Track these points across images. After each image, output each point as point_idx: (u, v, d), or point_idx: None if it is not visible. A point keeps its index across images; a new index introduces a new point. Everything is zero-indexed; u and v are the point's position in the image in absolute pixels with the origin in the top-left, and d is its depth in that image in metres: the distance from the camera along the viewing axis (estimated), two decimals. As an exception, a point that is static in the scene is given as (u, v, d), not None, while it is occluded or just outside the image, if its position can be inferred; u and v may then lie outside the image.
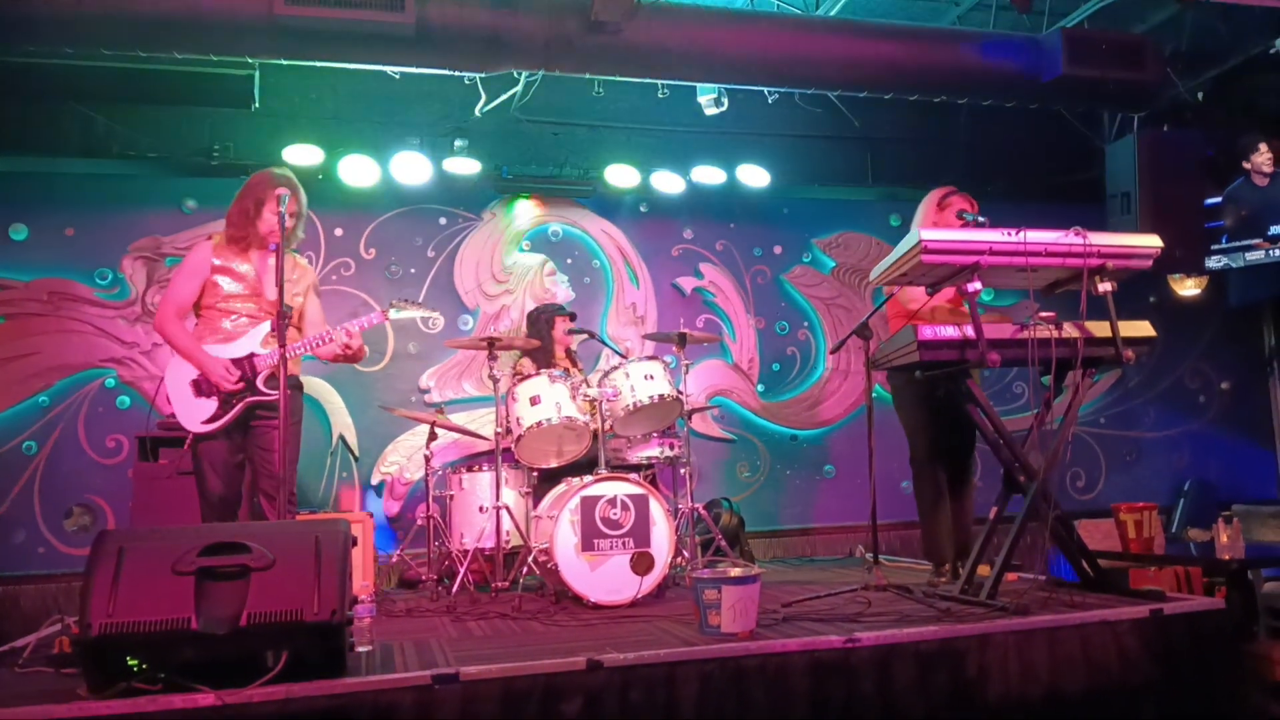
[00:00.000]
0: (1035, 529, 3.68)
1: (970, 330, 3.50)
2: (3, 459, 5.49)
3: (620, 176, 6.35)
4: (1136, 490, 7.02)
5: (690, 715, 2.87)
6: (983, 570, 3.74)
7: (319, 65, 5.16)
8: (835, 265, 7.06)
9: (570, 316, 5.73)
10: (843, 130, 6.69)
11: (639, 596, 4.04)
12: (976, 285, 3.51)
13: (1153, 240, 3.68)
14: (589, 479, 4.20)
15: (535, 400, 4.53)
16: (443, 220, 6.35)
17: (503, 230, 6.47)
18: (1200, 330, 7.56)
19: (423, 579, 4.89)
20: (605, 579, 4.03)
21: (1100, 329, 3.62)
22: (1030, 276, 3.59)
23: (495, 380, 4.63)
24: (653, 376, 4.63)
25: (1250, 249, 6.38)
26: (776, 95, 6.32)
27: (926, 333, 3.51)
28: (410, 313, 4.23)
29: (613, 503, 4.11)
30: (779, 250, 6.96)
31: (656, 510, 4.17)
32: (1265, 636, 4.15)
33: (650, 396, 4.58)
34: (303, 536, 2.76)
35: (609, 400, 4.58)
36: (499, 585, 4.45)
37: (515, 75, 5.77)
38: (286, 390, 3.70)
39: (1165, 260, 3.85)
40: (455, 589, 4.46)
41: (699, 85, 5.99)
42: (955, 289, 3.70)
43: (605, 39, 5.01)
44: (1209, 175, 6.39)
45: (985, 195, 4.29)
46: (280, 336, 3.50)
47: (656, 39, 5.16)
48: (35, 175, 5.68)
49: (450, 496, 5.06)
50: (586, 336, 5.91)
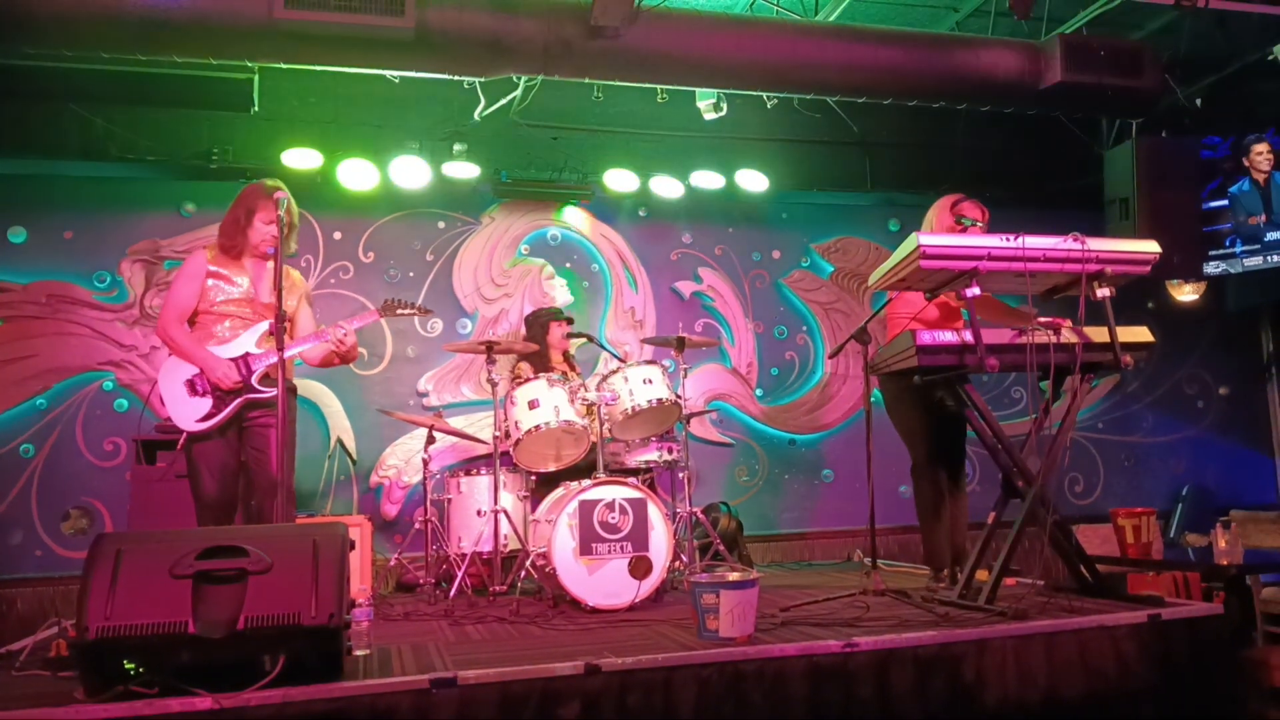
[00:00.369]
0: (1033, 534, 3.68)
1: (969, 335, 3.50)
2: (0, 461, 5.48)
3: (619, 181, 6.35)
4: (1135, 495, 7.04)
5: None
6: (981, 575, 3.74)
7: (318, 69, 5.15)
8: (834, 270, 7.07)
9: (567, 321, 5.73)
10: (841, 135, 6.70)
11: (637, 601, 4.03)
12: (975, 290, 3.51)
13: (1151, 246, 3.69)
14: (587, 483, 4.19)
15: (534, 404, 4.53)
16: (441, 224, 6.36)
17: (501, 234, 6.47)
18: (1198, 336, 7.57)
19: (420, 583, 4.89)
20: (603, 583, 4.03)
21: (1099, 334, 3.63)
22: (1029, 282, 3.59)
23: (493, 384, 4.63)
24: (651, 381, 4.64)
25: (1249, 255, 6.40)
26: (775, 100, 6.33)
27: (925, 338, 3.51)
28: (404, 311, 4.27)
29: (611, 507, 4.11)
30: (778, 255, 6.97)
31: (655, 514, 4.17)
32: (1263, 642, 4.15)
33: (649, 400, 4.58)
34: (300, 540, 2.76)
35: (607, 404, 4.57)
36: (497, 589, 4.44)
37: (514, 80, 5.77)
38: (280, 399, 3.73)
39: (1163, 266, 3.85)
40: (453, 593, 4.45)
41: (698, 90, 6.00)
42: (954, 294, 3.71)
43: (605, 44, 5.01)
44: (1213, 177, 6.41)
45: (984, 201, 4.30)
46: (278, 340, 3.52)
47: (656, 44, 5.16)
48: (34, 178, 5.68)
49: (448, 500, 5.05)
50: (585, 340, 5.92)
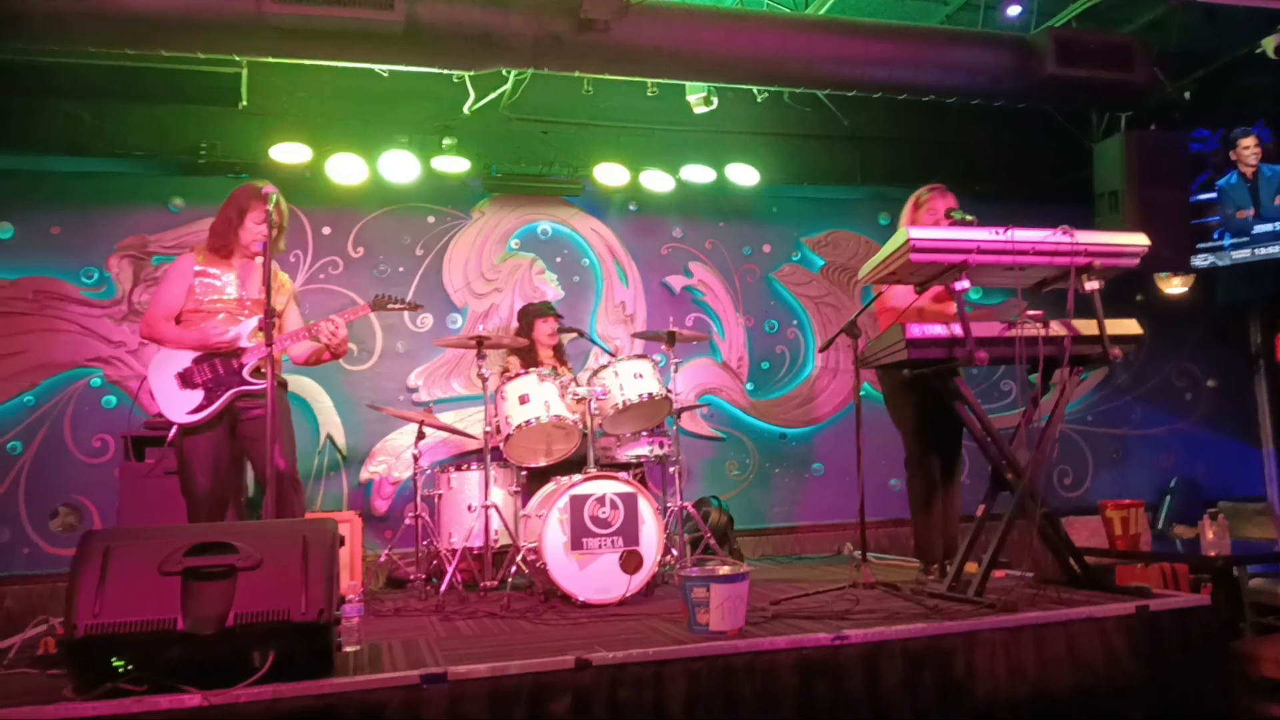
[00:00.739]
0: (1023, 526, 3.70)
1: (958, 328, 3.51)
2: (-12, 459, 5.47)
3: (609, 175, 6.34)
4: (1123, 488, 7.07)
5: (678, 713, 2.87)
6: (971, 568, 3.75)
7: (307, 63, 5.13)
8: (824, 264, 7.07)
9: (557, 316, 5.72)
10: (832, 129, 6.71)
11: (628, 595, 4.04)
12: (964, 283, 3.52)
13: (1139, 239, 3.70)
14: (578, 477, 4.19)
15: (524, 399, 4.52)
16: (431, 219, 6.34)
17: (491, 229, 6.46)
18: (1187, 329, 7.60)
19: (411, 578, 4.88)
20: (594, 577, 4.03)
21: (1087, 327, 3.64)
22: (1018, 275, 3.60)
23: (484, 379, 4.62)
24: (642, 375, 4.63)
25: (1237, 248, 6.42)
26: (766, 94, 6.33)
27: (914, 331, 3.51)
28: (395, 306, 4.30)
29: (602, 501, 4.11)
30: (768, 249, 6.97)
31: (645, 509, 4.17)
32: (1250, 633, 4.18)
33: (639, 395, 4.57)
34: (290, 536, 2.75)
35: (598, 399, 4.57)
36: (487, 584, 4.44)
37: (504, 74, 5.76)
38: (274, 388, 3.72)
39: (1152, 259, 3.86)
40: (444, 588, 4.45)
41: (688, 84, 5.99)
42: (944, 287, 3.72)
43: (595, 37, 5.00)
44: (1202, 170, 6.44)
45: (973, 194, 4.32)
46: (267, 335, 3.52)
47: (646, 37, 5.16)
48: (21, 173, 5.65)
49: (439, 495, 5.05)
50: (575, 335, 5.92)
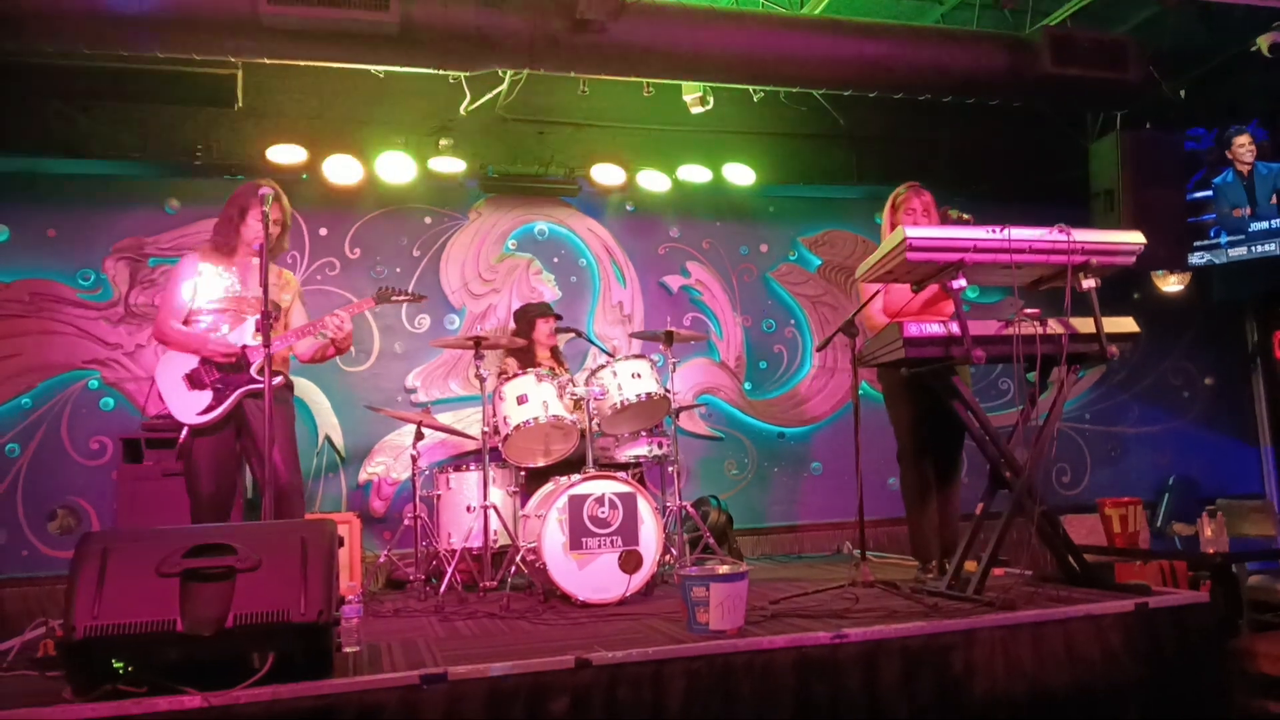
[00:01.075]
0: (1021, 524, 3.70)
1: (955, 327, 3.51)
2: (-15, 461, 5.46)
3: (606, 175, 6.34)
4: (1121, 485, 7.08)
5: (678, 713, 2.87)
6: (970, 566, 3.76)
7: (303, 64, 5.13)
8: (821, 263, 7.08)
9: (555, 316, 5.73)
10: (828, 129, 6.71)
11: (627, 595, 4.04)
12: (961, 282, 3.52)
13: (1135, 237, 3.70)
14: (576, 478, 4.19)
15: (522, 399, 4.52)
16: (428, 219, 6.34)
17: (488, 229, 6.46)
18: (1184, 326, 7.61)
19: (410, 579, 4.88)
20: (593, 577, 4.03)
21: (1084, 325, 3.64)
22: (1015, 273, 3.60)
23: (482, 379, 4.62)
24: (640, 375, 4.63)
25: (1233, 245, 6.44)
26: (762, 94, 6.34)
27: (912, 330, 3.52)
28: (399, 298, 4.34)
29: (600, 501, 4.11)
30: (765, 248, 6.98)
31: (644, 508, 4.17)
32: (1249, 630, 4.18)
33: (637, 395, 4.57)
34: (289, 537, 2.75)
35: (596, 399, 4.57)
36: (487, 585, 4.44)
37: (500, 74, 5.76)
38: (272, 390, 3.74)
39: (1148, 257, 3.87)
40: (443, 589, 4.45)
41: (684, 84, 5.99)
42: (939, 287, 3.72)
43: (591, 37, 5.01)
44: (1197, 169, 6.45)
45: (969, 193, 4.34)
46: (265, 335, 3.53)
47: (642, 37, 5.16)
48: (16, 175, 5.64)
49: (437, 496, 5.05)
50: (573, 335, 5.92)
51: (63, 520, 5.49)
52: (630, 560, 4.06)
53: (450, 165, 6.03)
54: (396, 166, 5.92)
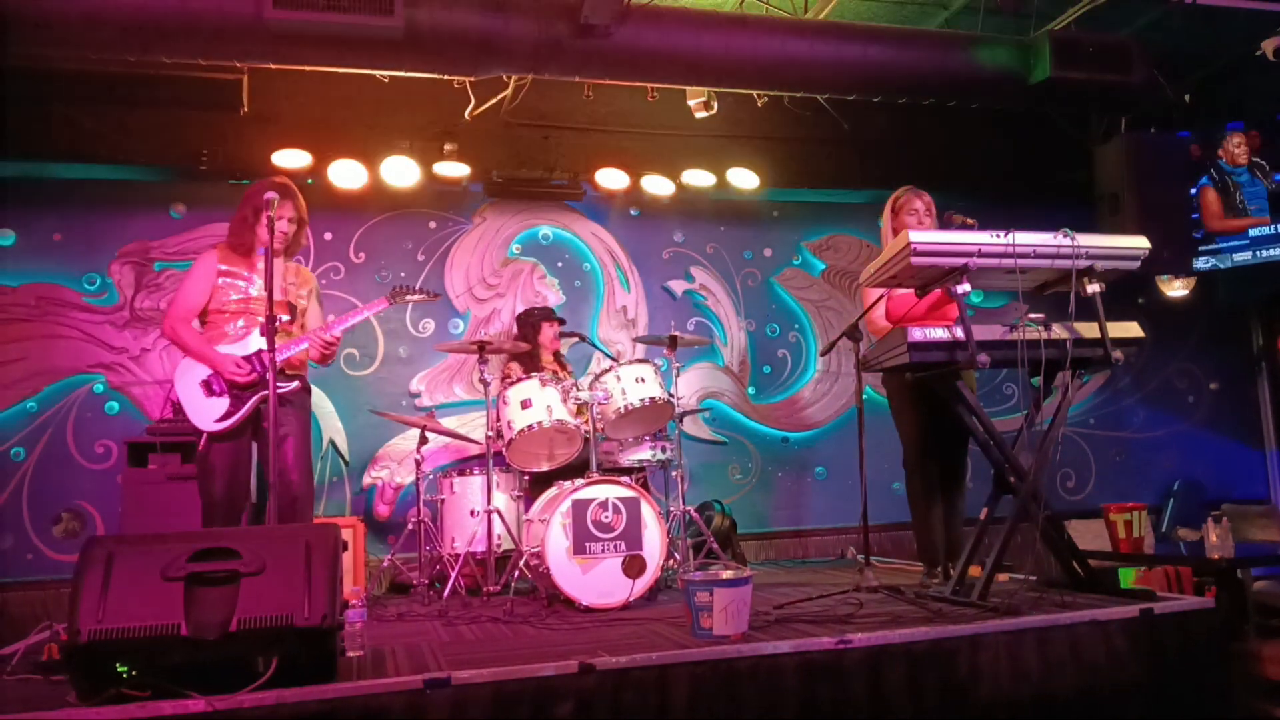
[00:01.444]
0: (1026, 529, 3.69)
1: (960, 332, 3.51)
2: (-9, 465, 5.47)
3: (610, 180, 6.35)
4: (1126, 490, 7.05)
5: (682, 718, 2.86)
6: (974, 571, 3.75)
7: (308, 69, 5.14)
8: (825, 267, 7.08)
9: (559, 321, 5.73)
10: (832, 133, 6.70)
11: (631, 599, 4.04)
12: (965, 287, 3.52)
13: (1140, 241, 3.69)
14: (580, 482, 4.19)
15: (526, 404, 4.53)
16: (433, 224, 6.35)
17: (493, 234, 6.47)
18: (1188, 331, 7.60)
19: (414, 583, 4.88)
20: (597, 582, 4.03)
21: (1089, 330, 3.64)
22: (1019, 278, 3.60)
23: (486, 384, 4.62)
24: (644, 379, 4.63)
25: (1238, 250, 6.43)
26: (766, 98, 6.34)
27: (916, 334, 3.51)
28: (414, 297, 4.31)
29: (604, 506, 4.11)
30: (769, 253, 6.98)
31: (648, 513, 4.17)
32: (1255, 635, 4.17)
33: (641, 399, 4.58)
34: (293, 541, 2.75)
35: (600, 403, 4.57)
36: (490, 589, 4.44)
37: (505, 79, 5.77)
38: (278, 395, 3.75)
39: (1153, 261, 3.86)
40: (447, 593, 4.45)
41: (688, 88, 6.00)
42: (942, 292, 3.72)
43: (595, 42, 5.01)
44: (1201, 172, 6.45)
45: (974, 197, 4.33)
46: (269, 340, 3.54)
47: (646, 42, 5.17)
48: (23, 180, 5.66)
49: (441, 500, 5.05)
50: (577, 340, 5.92)
51: (67, 524, 5.50)
52: (634, 565, 4.06)
53: (455, 170, 6.04)
54: (401, 171, 5.93)
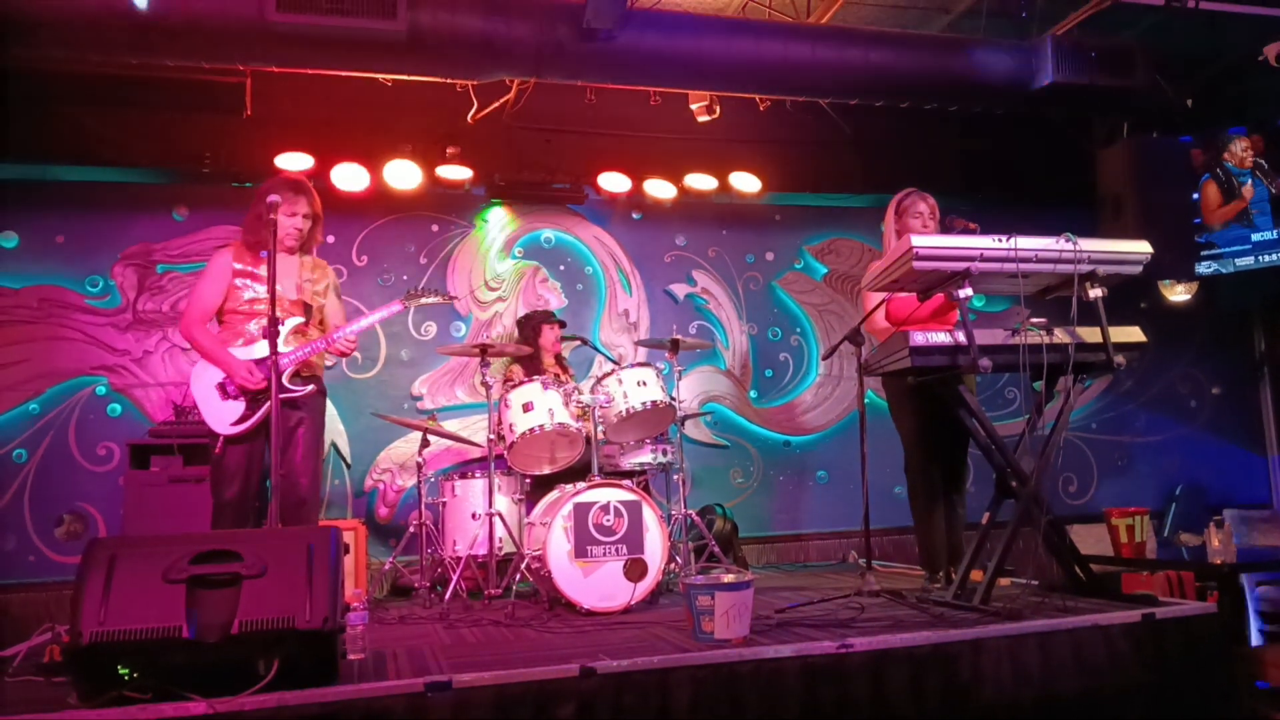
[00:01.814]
0: (1028, 534, 3.69)
1: (962, 336, 3.51)
2: (-8, 467, 5.48)
3: (612, 183, 6.36)
4: (1128, 495, 7.06)
5: (684, 721, 2.86)
6: (976, 575, 3.75)
7: (311, 73, 5.15)
8: (827, 271, 7.08)
9: (560, 324, 5.74)
10: (834, 137, 6.71)
11: (632, 603, 4.03)
12: (967, 291, 3.52)
13: (1142, 246, 3.69)
14: (582, 485, 4.19)
15: (528, 407, 4.52)
16: (435, 227, 6.36)
17: (495, 237, 6.48)
18: (1191, 335, 7.59)
19: (415, 586, 4.88)
20: (598, 585, 4.03)
21: (1091, 334, 3.64)
22: (1021, 283, 3.60)
23: (488, 387, 4.63)
24: (645, 383, 4.63)
25: (1240, 254, 6.42)
26: (768, 102, 6.34)
27: (918, 338, 3.51)
28: (429, 299, 4.32)
29: (606, 509, 4.11)
30: (771, 256, 6.98)
31: (650, 516, 4.17)
32: (1257, 640, 4.16)
33: (643, 403, 4.58)
34: (294, 544, 2.76)
35: (602, 407, 4.57)
36: (492, 592, 4.44)
37: (507, 82, 5.78)
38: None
39: (1155, 266, 3.86)
40: (448, 596, 4.44)
41: (691, 92, 6.00)
42: (944, 297, 3.72)
43: (597, 46, 5.02)
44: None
45: (976, 201, 4.32)
46: (271, 344, 3.54)
47: (648, 47, 5.17)
48: (25, 182, 5.67)
49: (443, 503, 5.05)
50: (579, 343, 5.93)
51: (70, 526, 5.51)
52: (635, 568, 4.05)
53: (457, 173, 6.05)
54: (404, 174, 5.94)
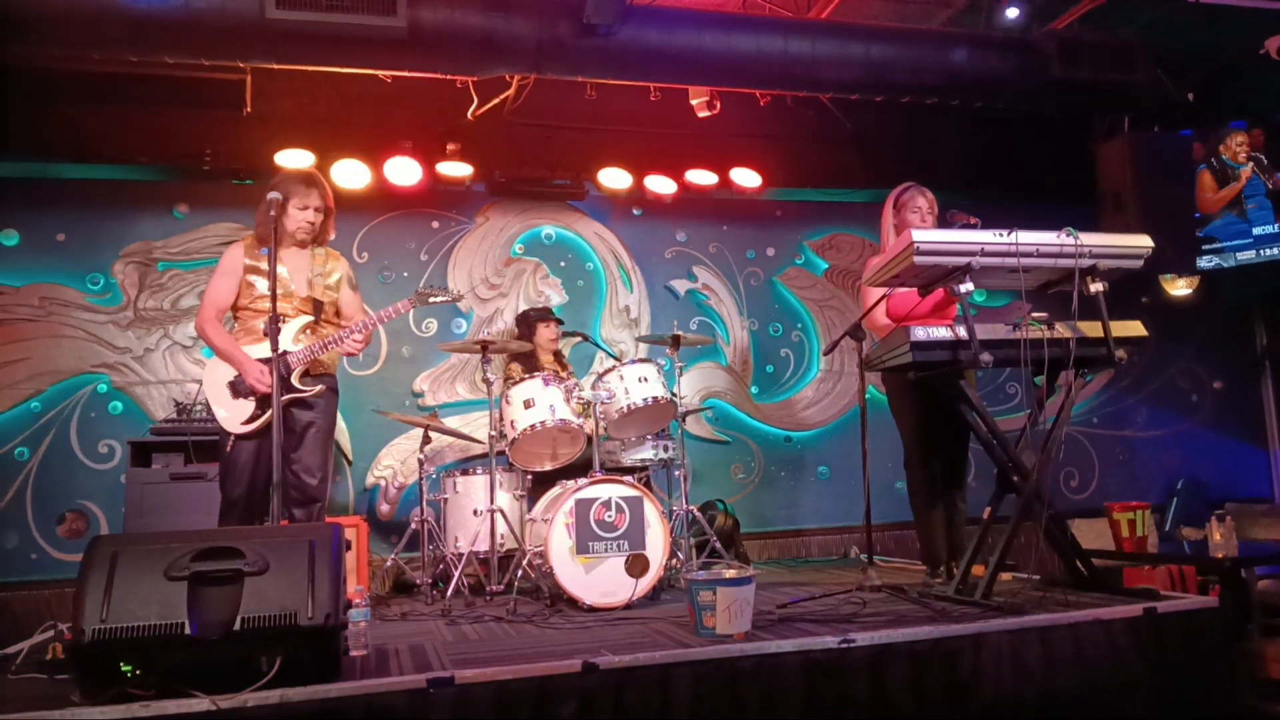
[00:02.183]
0: (1029, 528, 3.69)
1: (963, 331, 3.51)
2: (-6, 465, 5.48)
3: (613, 179, 6.35)
4: (1130, 489, 7.06)
5: (685, 717, 2.86)
6: (977, 570, 3.75)
7: (311, 69, 5.14)
8: (828, 267, 7.08)
9: (556, 321, 5.73)
10: (835, 132, 6.70)
11: (634, 599, 4.04)
12: (968, 286, 3.52)
13: (1144, 240, 3.69)
14: (583, 481, 4.19)
15: (529, 403, 4.53)
16: (435, 224, 6.35)
17: (495, 233, 6.47)
18: (1192, 330, 7.59)
19: (417, 583, 4.89)
20: (600, 581, 4.03)
21: (1092, 329, 3.64)
22: (1022, 277, 3.60)
23: (489, 383, 4.63)
24: (646, 379, 4.64)
25: (1241, 249, 6.42)
26: (768, 97, 6.33)
27: (919, 334, 3.51)
28: (438, 298, 4.31)
29: (607, 505, 4.11)
30: (772, 252, 6.97)
31: (651, 512, 4.17)
32: (1258, 634, 4.16)
33: (644, 399, 4.58)
34: (296, 541, 2.76)
35: (603, 403, 4.57)
36: (494, 588, 4.44)
37: (507, 78, 5.77)
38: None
39: (1156, 260, 3.86)
40: (450, 592, 4.44)
41: (691, 88, 5.99)
42: (944, 292, 3.72)
43: (597, 42, 5.01)
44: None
45: (977, 196, 4.32)
46: (273, 341, 3.54)
47: (649, 42, 5.16)
48: (26, 180, 5.66)
49: (444, 500, 5.05)
50: (580, 339, 5.92)
51: (71, 524, 5.51)
52: (637, 564, 4.06)
53: (457, 169, 6.04)
54: (404, 171, 5.93)
